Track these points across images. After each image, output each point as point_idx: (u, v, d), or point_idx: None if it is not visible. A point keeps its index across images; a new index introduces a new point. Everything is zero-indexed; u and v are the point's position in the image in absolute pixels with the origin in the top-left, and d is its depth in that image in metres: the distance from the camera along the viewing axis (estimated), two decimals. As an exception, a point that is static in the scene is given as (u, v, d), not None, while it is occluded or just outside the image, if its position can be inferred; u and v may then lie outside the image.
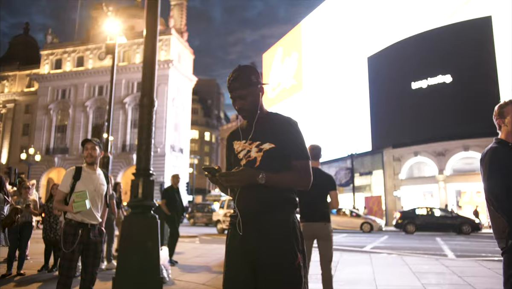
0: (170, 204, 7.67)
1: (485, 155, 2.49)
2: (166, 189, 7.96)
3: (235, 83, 1.94)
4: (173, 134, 44.35)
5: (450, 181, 26.56)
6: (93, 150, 3.47)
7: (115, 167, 40.13)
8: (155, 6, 5.59)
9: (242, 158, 1.93)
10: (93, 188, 3.44)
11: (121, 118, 43.36)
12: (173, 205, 7.67)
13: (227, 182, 1.81)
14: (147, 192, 5.05)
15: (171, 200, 7.70)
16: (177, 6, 49.37)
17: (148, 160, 5.15)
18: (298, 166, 1.88)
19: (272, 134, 1.90)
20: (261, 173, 1.80)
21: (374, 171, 31.51)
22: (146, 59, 5.46)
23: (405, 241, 14.53)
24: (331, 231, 4.05)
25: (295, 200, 1.93)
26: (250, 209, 1.83)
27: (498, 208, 2.30)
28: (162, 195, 7.92)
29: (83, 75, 46.13)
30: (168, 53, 44.00)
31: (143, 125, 5.24)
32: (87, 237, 3.35)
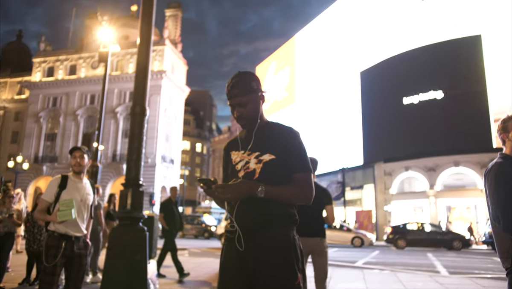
0: (168, 217, 7.38)
1: (489, 170, 2.39)
2: (163, 202, 7.69)
3: (234, 89, 1.83)
4: (164, 145, 44.05)
5: (440, 196, 26.65)
6: (82, 159, 3.33)
7: (105, 177, 39.62)
8: (150, 15, 5.51)
9: (240, 169, 1.81)
10: (80, 198, 3.28)
11: (112, 127, 43.01)
12: (171, 218, 7.39)
13: (224, 195, 1.69)
14: (136, 203, 4.89)
15: (169, 213, 7.42)
16: (172, 17, 49.54)
17: (138, 170, 5.01)
18: (300, 179, 1.77)
19: (273, 145, 1.79)
20: (261, 186, 1.69)
21: (365, 185, 31.54)
22: (139, 67, 5.36)
23: (397, 256, 14.42)
24: (326, 246, 3.94)
25: (295, 215, 1.82)
26: (248, 224, 1.71)
27: (503, 226, 2.21)
28: (160, 208, 7.64)
29: (75, 84, 45.80)
30: (161, 63, 43.95)
31: (134, 134, 5.11)
32: (71, 250, 3.17)
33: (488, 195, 2.36)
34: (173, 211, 7.48)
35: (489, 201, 2.33)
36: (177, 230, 7.55)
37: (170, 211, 7.46)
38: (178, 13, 50.03)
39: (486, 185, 2.40)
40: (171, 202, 7.60)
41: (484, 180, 2.44)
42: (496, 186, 2.30)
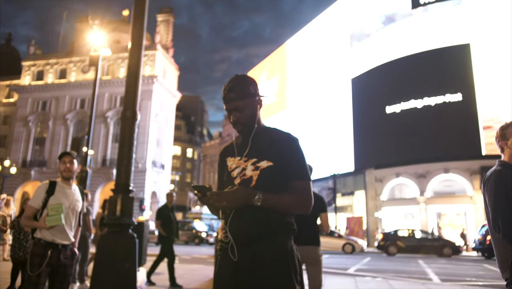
0: (166, 224, 7.15)
1: (488, 178, 2.34)
2: (160, 209, 7.44)
3: (231, 93, 1.76)
4: (155, 150, 43.75)
5: (430, 202, 26.80)
6: (71, 164, 3.22)
7: (94, 182, 39.14)
8: (141, 19, 5.45)
9: (236, 176, 1.74)
10: (68, 204, 3.17)
11: (103, 132, 42.61)
12: (169, 225, 7.16)
13: (219, 203, 1.61)
14: (126, 209, 4.78)
15: (167, 220, 7.19)
16: (163, 22, 49.44)
17: (128, 175, 4.90)
18: (298, 187, 1.70)
19: (271, 151, 1.72)
20: (258, 194, 1.62)
21: (356, 192, 31.60)
22: (130, 71, 5.28)
23: (388, 263, 14.40)
24: (320, 255, 3.87)
25: (293, 225, 1.75)
26: (244, 234, 1.64)
27: (503, 235, 2.15)
28: (157, 215, 7.40)
29: (65, 88, 45.35)
30: (153, 68, 43.77)
31: (125, 139, 5.01)
32: (57, 259, 3.05)
33: (487, 203, 2.31)
34: (170, 217, 7.26)
35: (489, 209, 2.28)
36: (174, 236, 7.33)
37: (167, 217, 7.23)
38: (170, 18, 49.96)
39: (485, 193, 2.35)
40: (167, 208, 7.39)
41: (483, 188, 2.39)
42: (496, 194, 2.25)
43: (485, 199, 2.36)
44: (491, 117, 24.08)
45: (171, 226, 7.20)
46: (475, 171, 25.12)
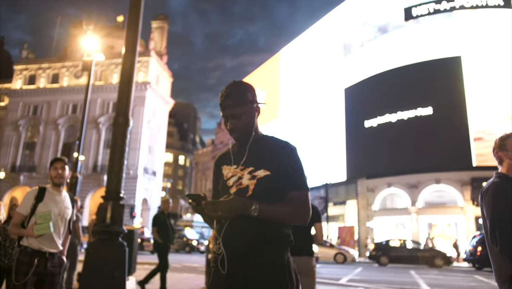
0: (162, 231, 6.99)
1: (486, 190, 2.30)
2: (156, 215, 7.30)
3: (228, 100, 1.71)
4: (146, 156, 43.47)
5: (422, 213, 26.87)
6: (63, 170, 3.15)
7: (85, 188, 38.73)
8: (136, 24, 5.42)
9: (232, 185, 1.69)
10: (58, 212, 3.08)
11: (94, 138, 42.28)
12: (165, 232, 7.00)
13: (214, 212, 1.56)
14: (116, 217, 4.70)
15: (163, 226, 7.03)
16: (158, 29, 49.47)
17: (119, 181, 4.83)
18: (296, 198, 1.65)
19: (268, 160, 1.67)
20: (254, 204, 1.56)
21: (348, 201, 31.61)
22: (124, 77, 5.23)
23: (380, 273, 14.35)
24: (314, 266, 3.81)
25: (290, 236, 1.70)
26: (239, 245, 1.58)
27: (501, 248, 2.11)
28: (153, 222, 7.24)
29: (57, 92, 45.00)
30: (146, 74, 43.66)
31: (117, 145, 4.94)
32: (44, 267, 2.95)
33: (485, 215, 2.27)
34: (166, 224, 7.11)
35: (487, 222, 2.24)
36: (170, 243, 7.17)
37: (163, 224, 7.08)
38: (165, 25, 50.03)
39: (482, 205, 2.31)
40: (163, 214, 7.24)
41: (481, 200, 2.35)
42: (494, 206, 2.21)
43: (482, 211, 2.32)
44: (482, 129, 24.32)
45: (167, 233, 7.06)
46: (466, 182, 25.28)
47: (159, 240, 6.96)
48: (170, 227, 7.19)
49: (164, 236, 6.99)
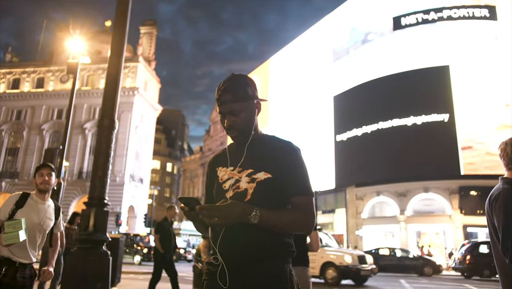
0: (165, 239, 6.62)
1: (496, 198, 2.13)
2: (160, 222, 6.89)
3: (226, 94, 1.52)
4: (133, 163, 42.88)
5: (410, 221, 26.93)
6: (50, 177, 2.93)
7: (69, 195, 37.97)
8: (123, 25, 5.22)
9: (229, 189, 1.49)
10: (38, 221, 2.84)
11: (80, 143, 41.55)
12: (168, 241, 6.65)
13: (210, 218, 1.35)
14: (100, 224, 4.43)
15: (166, 234, 6.65)
16: (146, 35, 49.20)
17: (103, 187, 4.58)
18: (299, 204, 1.47)
19: (269, 161, 1.49)
20: (254, 210, 1.37)
21: (337, 209, 31.56)
22: (109, 79, 5.02)
23: (371, 282, 14.18)
24: (309, 276, 3.61)
25: (292, 246, 1.51)
26: (236, 256, 1.40)
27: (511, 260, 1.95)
28: (156, 229, 6.88)
29: (42, 97, 44.21)
30: (134, 80, 43.24)
31: (101, 149, 4.69)
32: (12, 278, 2.70)
33: (493, 224, 2.12)
34: (170, 233, 6.74)
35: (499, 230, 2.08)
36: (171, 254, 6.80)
37: (167, 232, 6.69)
38: (153, 31, 49.78)
39: (491, 214, 2.15)
40: (167, 222, 6.86)
41: (489, 208, 2.19)
42: (506, 215, 2.06)
43: (490, 220, 2.17)
44: (471, 138, 24.56)
45: (170, 242, 6.71)
46: (454, 190, 25.45)
47: (161, 249, 6.61)
48: (173, 236, 6.85)
49: (166, 245, 6.64)
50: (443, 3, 27.84)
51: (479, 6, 27.02)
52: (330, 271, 11.78)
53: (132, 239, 22.46)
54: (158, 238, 6.66)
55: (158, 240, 6.65)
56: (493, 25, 26.39)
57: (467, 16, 26.98)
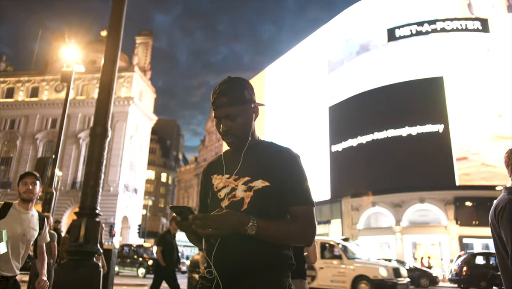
0: (168, 252, 6.43)
1: (503, 209, 2.05)
2: (163, 234, 6.74)
3: (222, 97, 1.44)
4: (128, 173, 42.58)
5: (406, 232, 26.81)
6: (34, 186, 2.82)
7: (62, 205, 37.56)
8: (117, 33, 5.19)
9: (224, 198, 1.40)
10: (21, 231, 2.72)
11: (74, 153, 41.24)
12: (170, 254, 6.46)
13: (203, 229, 1.26)
14: (91, 235, 4.31)
15: (169, 247, 6.47)
16: (142, 45, 49.30)
17: (95, 197, 4.46)
18: (299, 214, 1.39)
19: (267, 168, 1.41)
20: (251, 220, 1.28)
21: (332, 220, 31.39)
22: (103, 86, 4.95)
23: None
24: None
25: (292, 259, 1.42)
26: (232, 270, 1.31)
27: None
28: (158, 241, 6.73)
29: (36, 106, 43.97)
30: (129, 90, 43.17)
31: (93, 157, 4.59)
32: None
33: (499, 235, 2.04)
34: (172, 245, 6.57)
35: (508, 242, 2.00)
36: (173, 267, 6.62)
37: (170, 245, 6.52)
38: (149, 41, 49.92)
39: (498, 225, 2.07)
40: (170, 234, 6.68)
41: (494, 219, 2.11)
42: None
43: (495, 231, 2.09)
44: (466, 149, 24.63)
45: (172, 256, 6.52)
46: (449, 201, 25.44)
47: (162, 263, 6.42)
48: (176, 249, 6.68)
49: (168, 258, 6.46)
50: (436, 15, 28.16)
51: (471, 19, 27.37)
52: (363, 285, 10.82)
53: (135, 251, 20.80)
54: (160, 250, 6.51)
55: (160, 253, 6.49)
56: (485, 37, 26.72)
57: (460, 28, 27.30)
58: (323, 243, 12.22)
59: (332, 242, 12.29)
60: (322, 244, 12.03)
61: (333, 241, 12.38)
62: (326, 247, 12.18)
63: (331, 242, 12.29)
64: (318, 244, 11.43)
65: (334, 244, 12.11)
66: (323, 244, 12.10)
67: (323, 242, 12.23)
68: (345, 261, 11.45)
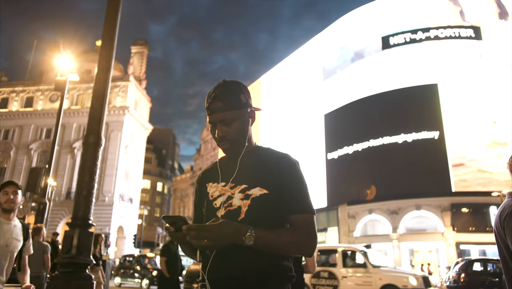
0: (171, 263, 6.26)
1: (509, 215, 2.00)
2: (166, 244, 6.56)
3: (217, 102, 1.38)
4: (123, 183, 42.31)
5: (403, 239, 26.70)
6: (15, 195, 2.73)
7: (56, 215, 37.16)
8: (111, 41, 5.14)
9: (220, 207, 1.33)
10: (3, 242, 2.63)
11: (69, 163, 40.97)
12: (174, 265, 6.31)
13: (198, 240, 1.19)
14: (83, 246, 4.21)
15: (173, 258, 6.30)
16: (137, 54, 49.34)
17: (88, 207, 4.38)
18: (300, 222, 1.33)
19: (265, 175, 1.34)
20: (249, 230, 1.21)
21: (329, 228, 31.25)
22: (96, 94, 4.88)
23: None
24: (306, 300, 3.38)
25: (292, 271, 1.35)
26: (228, 284, 1.24)
27: None
28: (162, 252, 6.56)
29: (30, 116, 43.76)
30: (124, 99, 43.09)
31: (86, 167, 4.51)
32: None
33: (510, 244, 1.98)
34: (176, 256, 6.41)
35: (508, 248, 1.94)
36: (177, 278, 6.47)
37: (174, 256, 6.35)
38: (144, 51, 49.98)
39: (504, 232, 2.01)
40: (174, 245, 6.49)
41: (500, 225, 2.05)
42: None
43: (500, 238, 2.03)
44: (462, 155, 24.67)
45: (176, 267, 6.38)
46: (445, 207, 25.40)
47: (166, 274, 6.25)
48: (180, 260, 6.54)
49: (172, 270, 6.30)
50: (429, 23, 28.41)
51: (464, 27, 27.61)
52: None
53: (138, 261, 19.71)
54: (164, 261, 6.35)
55: (164, 263, 6.33)
56: (478, 44, 26.94)
57: (453, 36, 27.52)
58: (345, 250, 11.77)
59: (355, 249, 11.84)
60: (344, 251, 11.56)
61: (356, 248, 11.92)
62: (348, 254, 11.68)
63: (353, 249, 11.84)
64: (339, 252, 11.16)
65: (357, 252, 11.61)
66: (345, 252, 11.61)
67: (345, 250, 11.76)
68: (370, 270, 10.75)
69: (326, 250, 12.62)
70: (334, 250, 11.97)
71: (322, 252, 12.19)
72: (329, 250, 12.53)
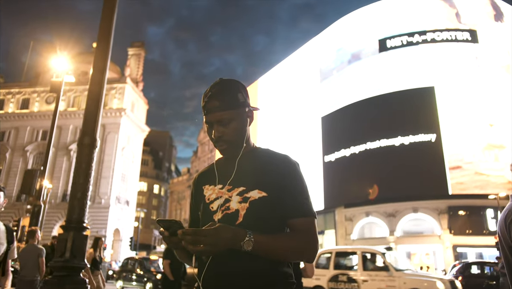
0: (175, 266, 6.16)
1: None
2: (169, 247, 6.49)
3: (214, 101, 1.32)
4: (120, 185, 42.13)
5: (400, 242, 26.69)
6: None
7: (52, 218, 36.93)
8: (107, 42, 5.08)
9: (217, 210, 1.27)
10: None
11: (65, 165, 40.76)
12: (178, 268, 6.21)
13: (194, 245, 1.13)
14: (77, 250, 4.13)
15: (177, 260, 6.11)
16: (134, 56, 49.24)
17: (82, 209, 4.29)
18: (301, 226, 1.27)
19: (264, 177, 1.29)
20: (248, 234, 1.16)
21: (326, 231, 31.20)
22: (92, 95, 4.81)
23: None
24: (305, 305, 3.31)
25: (292, 277, 1.29)
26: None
27: None
28: (166, 254, 6.44)
29: (26, 118, 43.55)
30: (121, 101, 42.96)
31: (81, 169, 4.43)
32: None
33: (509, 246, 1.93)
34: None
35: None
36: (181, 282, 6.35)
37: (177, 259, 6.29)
38: (141, 53, 49.88)
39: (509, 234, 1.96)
40: None
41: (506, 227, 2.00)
42: None
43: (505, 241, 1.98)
44: (459, 158, 24.70)
45: (180, 270, 6.29)
46: (442, 210, 25.42)
47: (170, 277, 6.15)
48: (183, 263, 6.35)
49: (176, 273, 6.21)
50: (426, 26, 28.50)
51: (461, 30, 27.72)
52: None
53: (141, 263, 18.67)
54: (167, 264, 6.24)
55: (167, 266, 6.22)
56: (474, 46, 27.05)
57: (449, 39, 27.62)
58: (364, 252, 11.23)
59: (375, 252, 11.25)
60: (364, 253, 11.07)
61: (376, 251, 11.35)
62: (367, 257, 11.18)
63: (373, 252, 11.27)
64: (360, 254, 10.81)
65: (378, 254, 11.03)
66: (364, 254, 11.11)
67: (364, 251, 11.25)
68: (393, 273, 10.14)
69: (343, 252, 12.26)
70: (353, 252, 11.68)
71: (339, 254, 11.73)
72: (347, 252, 12.26)
